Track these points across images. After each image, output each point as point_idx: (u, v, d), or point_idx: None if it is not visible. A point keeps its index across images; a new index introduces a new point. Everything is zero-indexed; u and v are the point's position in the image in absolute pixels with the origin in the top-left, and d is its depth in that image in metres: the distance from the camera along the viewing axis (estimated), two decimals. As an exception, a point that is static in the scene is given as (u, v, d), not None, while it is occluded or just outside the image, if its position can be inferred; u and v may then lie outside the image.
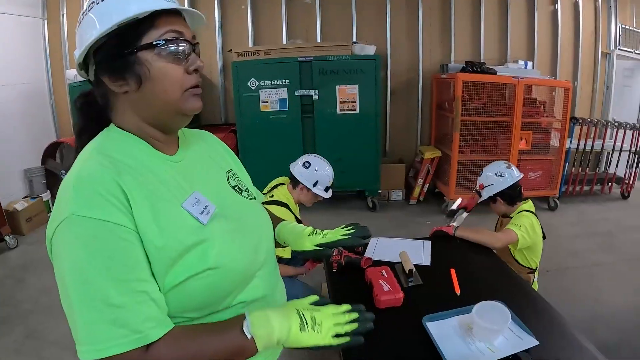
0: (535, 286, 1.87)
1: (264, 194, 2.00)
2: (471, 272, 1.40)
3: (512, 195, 1.82)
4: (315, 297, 0.67)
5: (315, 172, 1.90)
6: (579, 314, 2.08)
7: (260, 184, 2.11)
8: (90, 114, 0.65)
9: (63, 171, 3.97)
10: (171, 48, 0.58)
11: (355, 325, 0.63)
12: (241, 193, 0.74)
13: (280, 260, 1.95)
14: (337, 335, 0.62)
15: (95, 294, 0.51)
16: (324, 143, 3.41)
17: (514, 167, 1.88)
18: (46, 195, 3.91)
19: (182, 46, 0.59)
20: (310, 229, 0.83)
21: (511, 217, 1.81)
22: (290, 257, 1.84)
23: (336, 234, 0.78)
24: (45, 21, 4.15)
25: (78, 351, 0.53)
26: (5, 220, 3.18)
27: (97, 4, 0.58)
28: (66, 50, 4.15)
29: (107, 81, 0.59)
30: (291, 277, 1.99)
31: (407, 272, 1.32)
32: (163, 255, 0.56)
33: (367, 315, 0.66)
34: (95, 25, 0.57)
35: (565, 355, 0.99)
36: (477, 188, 1.92)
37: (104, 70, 0.59)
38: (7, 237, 3.16)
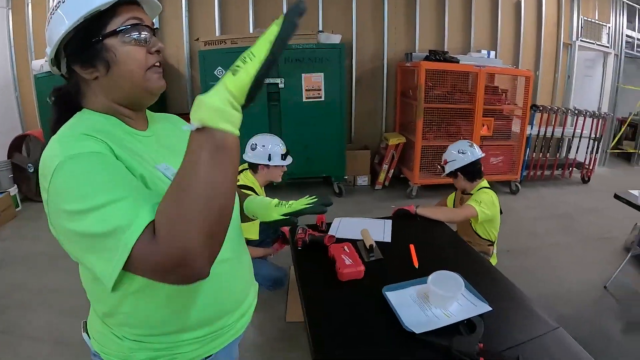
0: (494, 258, 1.99)
1: None
2: (430, 247, 1.48)
3: (472, 172, 1.93)
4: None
5: (264, 148, 1.95)
6: (538, 291, 2.19)
7: None
8: (65, 106, 0.69)
9: (30, 165, 3.91)
10: (133, 33, 0.64)
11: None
12: None
13: (249, 243, 2.01)
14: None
15: (102, 199, 0.51)
16: (290, 130, 3.46)
17: (476, 147, 1.98)
18: (13, 190, 3.83)
19: (143, 31, 0.65)
20: (276, 200, 0.88)
21: (471, 194, 1.91)
22: (258, 239, 1.89)
23: (300, 203, 0.83)
24: (10, 11, 4.05)
25: (109, 275, 0.52)
26: None
27: (63, 2, 0.63)
28: (31, 41, 4.06)
29: (79, 70, 0.65)
30: (260, 259, 2.06)
31: (368, 247, 1.39)
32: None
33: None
34: (63, 22, 0.62)
35: (517, 319, 1.06)
36: (441, 163, 2.04)
37: (75, 61, 0.64)
38: None
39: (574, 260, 2.74)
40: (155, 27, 0.69)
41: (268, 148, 1.95)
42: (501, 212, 1.97)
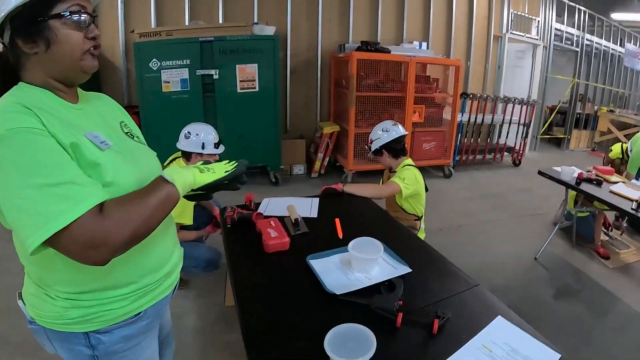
0: (422, 232, 2.09)
1: (163, 166, 2.09)
2: (355, 221, 1.53)
3: (395, 149, 2.03)
4: (201, 162, 0.90)
5: (198, 137, 2.00)
6: (470, 263, 2.26)
7: (163, 162, 2.16)
8: (2, 74, 0.75)
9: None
10: (75, 18, 0.71)
11: (235, 164, 0.89)
12: (132, 138, 0.88)
13: (183, 228, 2.04)
14: (227, 172, 0.86)
15: (43, 180, 0.60)
16: (225, 121, 3.52)
17: (400, 125, 2.09)
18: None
19: (84, 17, 0.72)
20: (198, 167, 0.93)
21: (395, 172, 2.02)
22: (192, 224, 1.95)
23: (219, 167, 0.87)
24: None
25: (32, 242, 0.60)
26: None
27: None
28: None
29: (21, 44, 0.70)
30: (194, 241, 2.13)
31: (294, 221, 1.44)
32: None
33: (243, 161, 0.91)
34: None
35: (437, 279, 1.12)
36: (368, 143, 2.15)
37: (18, 34, 0.70)
38: None
39: (505, 236, 2.91)
40: (95, 14, 0.77)
41: (201, 137, 2.00)
42: (427, 190, 2.09)
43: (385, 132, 2.05)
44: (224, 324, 1.86)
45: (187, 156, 2.04)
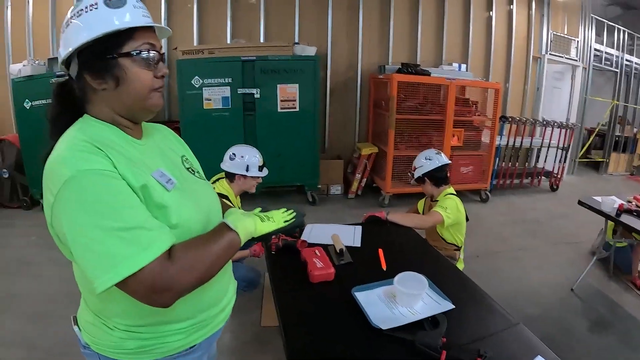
0: (460, 263, 2.07)
1: None
2: (397, 251, 1.53)
3: (438, 177, 2.03)
4: (259, 208, 0.92)
5: (242, 158, 2.00)
6: (505, 292, 2.29)
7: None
8: (66, 103, 0.76)
9: (4, 170, 3.88)
10: (144, 56, 0.71)
11: (294, 214, 0.91)
12: (194, 174, 0.89)
13: None
14: (286, 222, 0.88)
15: (112, 224, 0.61)
16: (265, 140, 3.53)
17: (442, 154, 2.09)
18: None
19: (153, 55, 0.72)
20: (259, 215, 0.94)
21: (436, 201, 2.00)
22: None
23: (279, 216, 0.89)
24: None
25: (100, 283, 0.61)
26: None
27: (86, 12, 0.69)
28: (9, 44, 4.04)
29: (89, 79, 0.71)
30: (236, 262, 2.10)
31: (338, 251, 1.45)
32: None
33: (301, 211, 0.92)
34: (84, 31, 0.68)
35: (479, 316, 1.12)
36: (411, 170, 2.15)
37: (87, 69, 0.70)
38: None
39: (541, 264, 2.84)
40: (163, 52, 0.77)
41: (246, 159, 2.00)
42: (467, 219, 2.07)
43: (428, 160, 2.05)
44: (259, 344, 1.84)
45: (231, 177, 2.04)
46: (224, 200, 1.98)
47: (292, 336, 1.01)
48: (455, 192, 2.03)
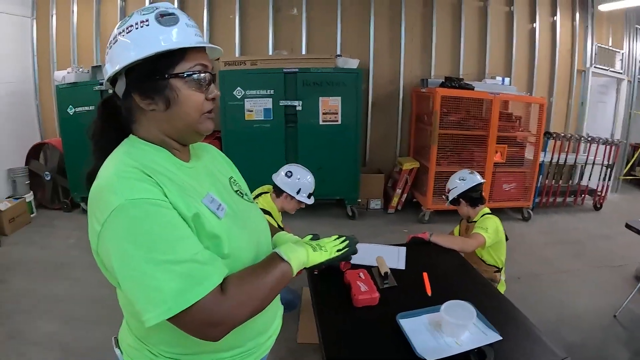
0: (502, 285, 2.00)
1: None
2: (442, 275, 1.51)
3: (473, 197, 1.99)
4: (310, 235, 0.89)
5: (298, 180, 1.97)
6: (546, 317, 2.21)
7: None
8: (111, 122, 0.73)
9: (47, 173, 3.98)
10: (196, 77, 0.68)
11: (346, 242, 0.87)
12: (242, 197, 0.85)
13: None
14: (338, 251, 0.84)
15: (164, 257, 0.58)
16: (306, 152, 3.50)
17: (476, 174, 2.05)
18: (29, 196, 3.91)
19: (205, 76, 0.69)
20: (310, 244, 0.90)
21: (475, 222, 1.94)
22: None
23: (331, 245, 0.85)
24: (34, 21, 4.16)
25: (150, 318, 0.58)
26: None
27: (136, 29, 0.66)
28: (54, 51, 4.16)
29: (137, 99, 0.68)
30: None
31: (383, 274, 1.42)
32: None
33: (354, 239, 0.88)
34: (134, 48, 0.65)
35: (526, 348, 1.08)
36: (445, 193, 2.11)
37: (135, 89, 0.67)
38: None
39: (584, 288, 2.75)
40: (214, 72, 0.73)
41: (301, 181, 1.98)
42: (507, 239, 2.01)
43: (462, 180, 2.00)
44: (295, 361, 1.78)
45: (279, 193, 2.01)
46: (269, 218, 1.98)
47: (334, 357, 1.01)
48: (491, 212, 1.98)
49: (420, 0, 4.12)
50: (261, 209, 1.94)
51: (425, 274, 1.45)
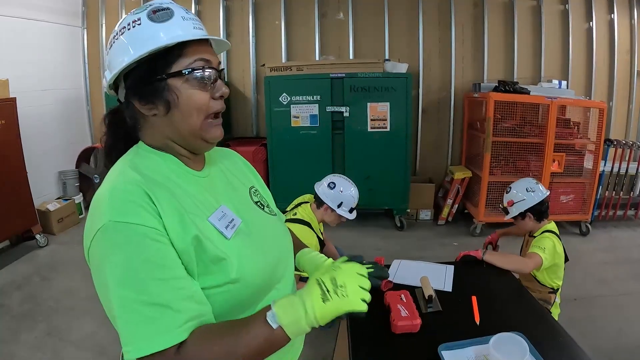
0: (556, 308, 1.86)
1: (287, 211, 2.04)
2: (493, 300, 1.37)
3: (541, 210, 1.82)
4: (345, 258, 0.66)
5: (340, 193, 1.91)
6: (602, 345, 2.05)
7: (288, 197, 2.18)
8: (119, 132, 0.69)
9: (96, 175, 4.11)
10: (199, 75, 0.61)
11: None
12: (263, 209, 0.77)
13: (301, 279, 1.98)
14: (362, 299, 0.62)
15: (134, 295, 0.53)
16: (353, 160, 3.42)
17: (540, 183, 1.89)
18: (78, 198, 4.05)
19: (209, 73, 0.62)
20: (330, 261, 0.83)
21: (534, 237, 1.80)
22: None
23: (354, 291, 0.75)
24: (85, 30, 4.32)
25: (124, 352, 0.55)
26: (37, 219, 3.31)
27: (129, 30, 0.60)
28: (104, 59, 4.29)
29: (137, 105, 0.62)
30: None
31: (427, 297, 1.31)
32: (189, 260, 0.59)
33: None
34: (127, 51, 0.59)
35: None
36: (504, 205, 1.92)
37: (134, 94, 0.62)
38: (38, 235, 3.29)
39: None
40: (222, 68, 0.65)
41: (344, 194, 1.91)
42: (567, 260, 1.85)
43: (530, 192, 1.81)
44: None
45: (320, 203, 1.94)
46: (306, 229, 1.88)
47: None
48: (555, 229, 1.81)
49: (470, 0, 3.96)
50: (300, 219, 1.91)
51: (474, 298, 1.32)
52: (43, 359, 1.97)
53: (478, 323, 1.21)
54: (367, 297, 0.63)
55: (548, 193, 1.86)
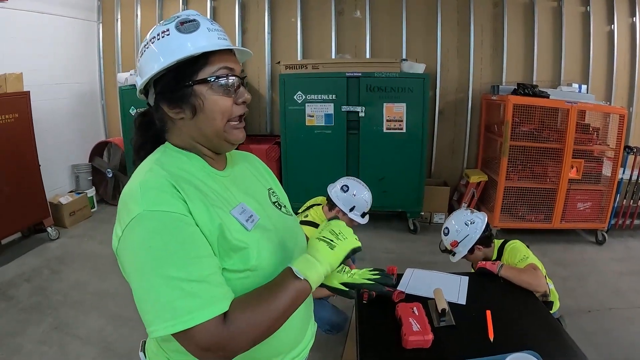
0: (554, 295, 1.80)
1: (299, 212, 2.03)
2: (508, 316, 1.33)
3: (488, 236, 1.74)
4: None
5: (353, 196, 1.88)
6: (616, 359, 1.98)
7: (301, 196, 2.16)
8: (148, 132, 0.74)
9: (109, 170, 4.12)
10: (223, 82, 0.66)
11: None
12: (280, 209, 0.82)
13: None
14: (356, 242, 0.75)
15: (175, 273, 0.58)
16: (368, 161, 3.38)
17: (475, 211, 1.81)
18: (91, 192, 4.07)
19: (232, 80, 0.67)
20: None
21: (500, 258, 1.72)
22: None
23: (362, 276, 0.80)
24: (100, 25, 4.32)
25: (154, 330, 0.58)
26: (49, 212, 3.33)
27: (158, 39, 0.66)
28: (119, 54, 4.30)
29: (166, 109, 0.68)
30: (320, 299, 1.98)
31: (440, 311, 1.28)
32: (212, 244, 0.64)
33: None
34: (157, 59, 0.65)
35: None
36: (447, 248, 1.81)
37: (163, 99, 0.68)
38: (49, 228, 3.32)
39: None
40: (244, 75, 0.70)
41: (356, 198, 1.88)
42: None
43: (471, 224, 1.71)
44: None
45: (332, 205, 1.92)
46: (308, 234, 1.85)
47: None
48: (502, 239, 1.78)
49: (489, 0, 3.88)
50: (312, 221, 1.89)
51: (488, 313, 1.29)
52: (49, 353, 1.98)
53: (492, 339, 1.18)
54: (374, 277, 0.78)
55: (486, 216, 1.77)
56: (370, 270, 0.81)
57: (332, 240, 0.70)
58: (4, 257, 2.97)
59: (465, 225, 1.73)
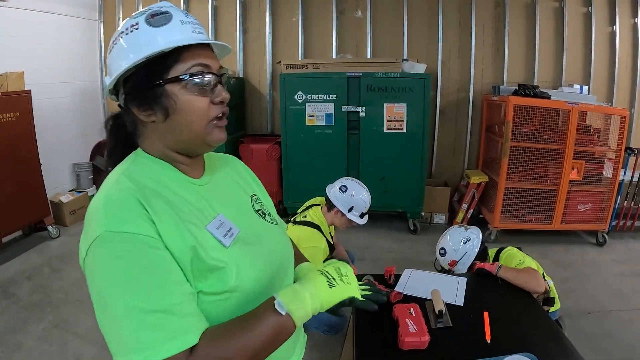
0: (553, 292, 1.81)
1: (298, 212, 2.02)
2: (506, 317, 1.33)
3: (483, 249, 1.77)
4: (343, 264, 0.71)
5: (352, 197, 1.88)
6: None
7: (301, 196, 2.14)
8: (120, 136, 0.68)
9: (110, 168, 4.12)
10: (197, 81, 0.59)
11: (370, 292, 0.71)
12: (264, 217, 0.76)
13: None
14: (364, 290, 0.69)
15: (136, 303, 0.52)
16: (368, 161, 3.38)
17: (469, 227, 1.82)
18: (92, 190, 4.07)
19: (208, 78, 0.60)
20: (329, 275, 0.79)
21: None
22: None
23: (354, 281, 0.75)
24: (102, 24, 4.32)
25: None
26: (50, 210, 3.34)
27: (127, 34, 0.60)
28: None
29: (135, 110, 0.62)
30: None
31: (437, 312, 1.28)
32: (184, 267, 0.59)
33: (382, 294, 0.73)
34: (125, 56, 0.59)
35: None
36: (446, 268, 1.81)
37: (132, 100, 0.61)
38: (50, 227, 3.32)
39: None
40: (222, 72, 0.63)
41: (355, 199, 1.88)
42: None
43: (467, 242, 1.73)
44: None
45: (330, 206, 1.92)
46: (316, 233, 1.83)
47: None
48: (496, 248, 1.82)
49: (491, 0, 3.87)
50: (310, 222, 1.89)
51: (486, 314, 1.29)
52: (49, 351, 1.98)
53: (489, 341, 1.18)
54: (365, 293, 0.70)
55: (480, 231, 1.78)
56: (361, 285, 0.72)
57: (333, 279, 0.64)
58: (5, 255, 2.99)
59: (462, 243, 1.74)
